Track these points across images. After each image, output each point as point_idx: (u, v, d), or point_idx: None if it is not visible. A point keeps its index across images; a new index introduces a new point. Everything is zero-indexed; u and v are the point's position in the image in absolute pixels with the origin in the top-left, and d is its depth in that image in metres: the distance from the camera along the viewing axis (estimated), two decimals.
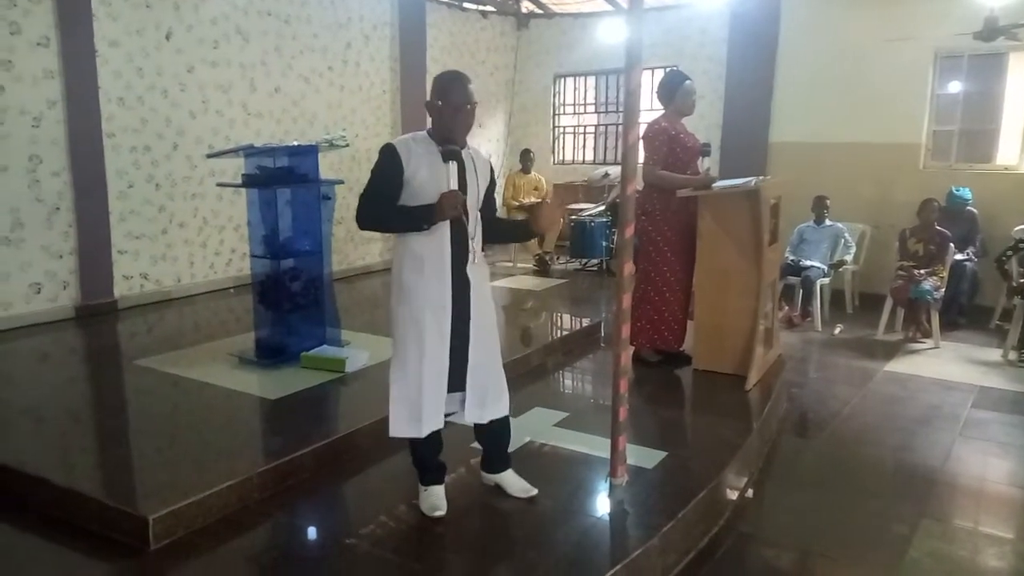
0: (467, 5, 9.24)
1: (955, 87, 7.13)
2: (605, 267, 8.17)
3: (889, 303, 6.03)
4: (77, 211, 5.75)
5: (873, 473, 3.73)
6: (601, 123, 9.94)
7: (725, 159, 7.78)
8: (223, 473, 2.97)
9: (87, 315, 5.80)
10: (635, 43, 2.77)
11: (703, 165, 4.51)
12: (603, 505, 2.95)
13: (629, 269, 2.89)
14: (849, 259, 6.60)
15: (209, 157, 4.74)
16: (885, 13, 7.12)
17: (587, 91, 10.03)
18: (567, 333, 5.72)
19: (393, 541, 2.69)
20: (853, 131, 7.36)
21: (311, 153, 4.57)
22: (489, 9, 9.49)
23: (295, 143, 4.94)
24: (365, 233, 7.93)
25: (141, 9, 6.05)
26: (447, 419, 2.80)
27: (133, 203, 6.18)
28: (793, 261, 6.43)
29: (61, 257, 5.73)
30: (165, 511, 2.68)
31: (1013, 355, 5.39)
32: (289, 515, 2.92)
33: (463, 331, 2.73)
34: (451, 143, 2.64)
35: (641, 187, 4.35)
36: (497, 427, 2.91)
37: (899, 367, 5.29)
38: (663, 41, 8.59)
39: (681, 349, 4.68)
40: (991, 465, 3.78)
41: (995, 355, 5.53)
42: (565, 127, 10.20)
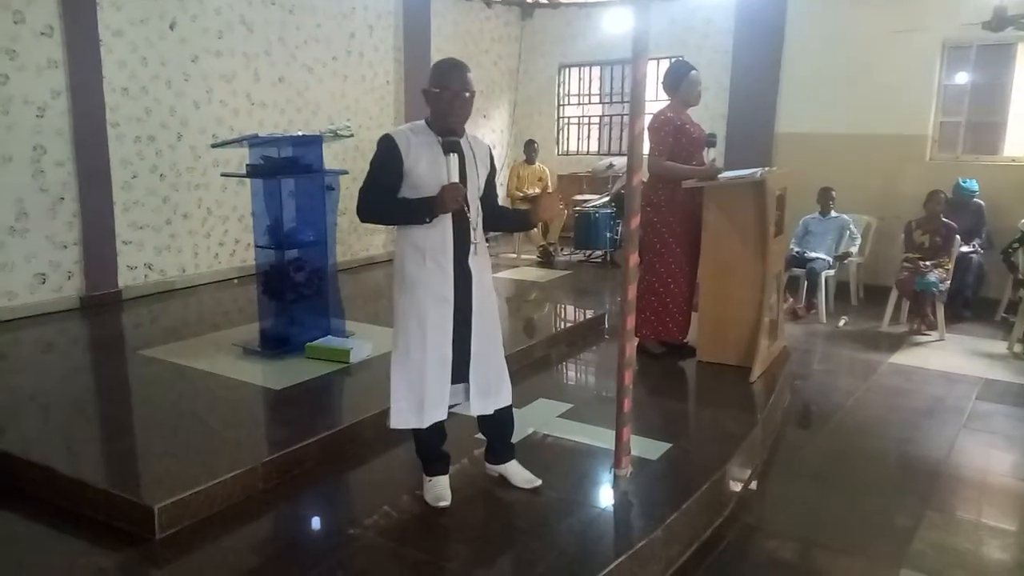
0: None
1: (962, 78, 7.07)
2: (609, 258, 8.16)
3: (894, 295, 6.01)
4: (81, 201, 5.75)
5: (877, 465, 3.73)
6: (606, 114, 9.91)
7: (730, 150, 7.74)
8: (228, 463, 2.97)
9: (92, 305, 5.81)
10: (641, 33, 2.75)
11: (708, 156, 4.50)
12: (607, 496, 2.95)
13: (634, 260, 2.89)
14: (854, 251, 6.58)
15: (213, 147, 4.73)
16: (893, 3, 7.06)
17: (592, 81, 9.98)
18: (571, 324, 5.72)
19: (397, 531, 2.70)
20: (859, 122, 7.31)
21: (315, 143, 4.56)
22: None
23: (299, 133, 4.93)
24: (368, 224, 7.91)
25: None
26: (451, 410, 2.80)
27: (137, 193, 6.18)
28: (798, 253, 6.41)
29: (66, 247, 5.74)
30: (170, 500, 2.69)
31: (1018, 347, 5.37)
32: (293, 505, 2.94)
33: (465, 322, 2.72)
34: (450, 132, 2.62)
35: (646, 178, 4.34)
36: (500, 417, 2.91)
37: (904, 359, 5.27)
38: (668, 31, 8.54)
39: (685, 340, 4.67)
40: (995, 457, 3.77)
41: (1000, 347, 5.51)
42: (569, 118, 10.16)
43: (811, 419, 4.39)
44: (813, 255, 6.37)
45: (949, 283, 5.87)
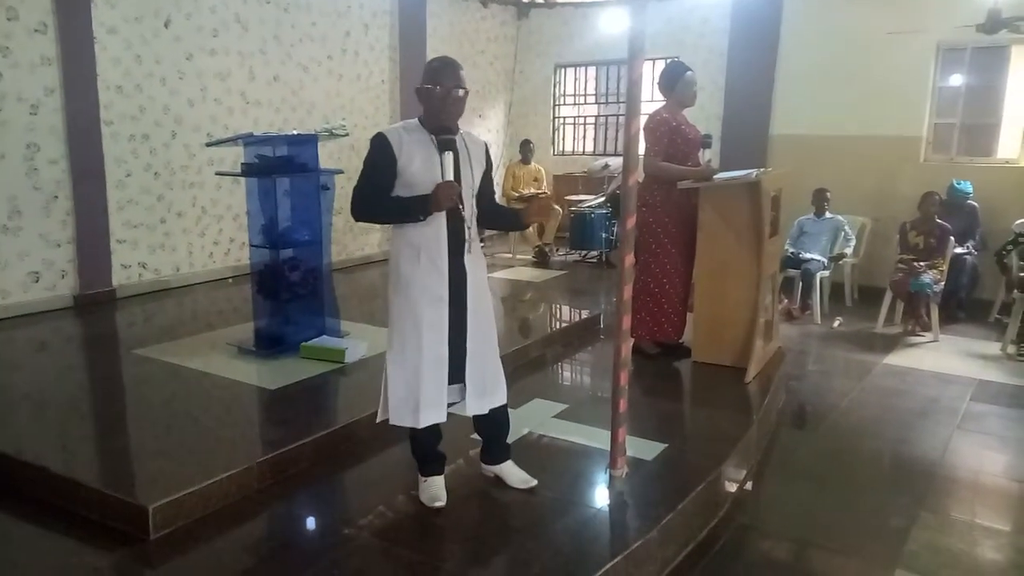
0: None
1: (957, 80, 7.09)
2: (604, 259, 8.16)
3: (889, 296, 6.03)
4: (75, 199, 5.72)
5: (871, 466, 3.74)
6: (601, 114, 9.91)
7: (725, 151, 7.76)
8: (222, 463, 2.97)
9: (85, 304, 5.79)
10: (637, 33, 2.75)
11: (704, 156, 4.50)
12: (602, 497, 2.95)
13: (630, 261, 2.89)
14: (849, 252, 6.59)
15: (208, 146, 4.72)
16: (888, 5, 7.08)
17: (587, 82, 9.99)
18: (566, 325, 5.72)
19: (392, 531, 2.69)
20: (854, 124, 7.33)
21: (311, 142, 4.54)
22: None
23: (294, 132, 4.92)
24: (364, 223, 7.90)
25: None
26: (448, 410, 2.78)
27: (131, 192, 6.16)
28: (793, 254, 6.42)
29: (59, 246, 5.71)
30: (165, 500, 2.68)
31: (1012, 349, 5.39)
32: (288, 505, 2.93)
33: (460, 321, 2.72)
34: (444, 130, 2.62)
35: (642, 178, 4.34)
36: (496, 417, 2.90)
37: (898, 360, 5.29)
38: (664, 32, 8.55)
39: (680, 341, 4.67)
40: (989, 458, 3.79)
41: (994, 349, 5.53)
42: (565, 118, 10.16)
43: (806, 420, 4.40)
44: (808, 256, 6.39)
45: (943, 284, 5.89)
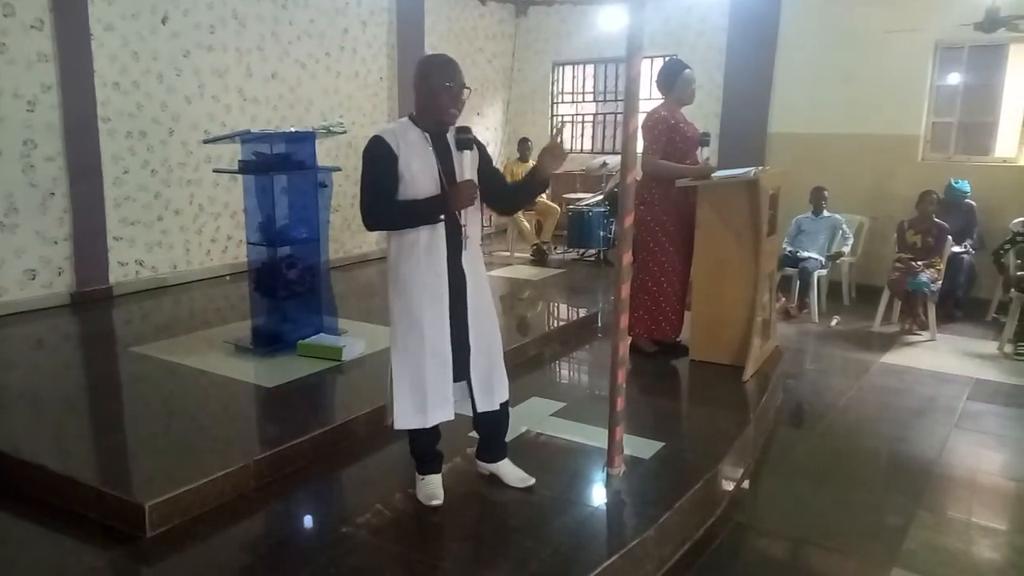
0: None
1: (955, 79, 7.10)
2: (602, 257, 8.16)
3: (886, 295, 6.03)
4: (72, 197, 5.71)
5: (869, 464, 3.74)
6: (599, 112, 9.91)
7: (724, 149, 7.75)
8: (220, 461, 2.96)
9: (82, 302, 5.77)
10: (636, 31, 2.74)
11: (702, 155, 4.50)
12: (600, 495, 2.95)
13: (628, 259, 2.88)
14: (847, 250, 6.59)
15: (205, 143, 4.71)
16: (887, 3, 7.08)
17: (586, 80, 9.98)
18: (564, 323, 5.72)
19: (390, 530, 2.69)
20: (852, 122, 7.33)
21: (308, 140, 4.54)
22: None
23: (292, 129, 4.91)
24: (361, 221, 7.88)
25: None
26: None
27: (128, 189, 6.14)
28: (791, 252, 6.43)
29: (56, 243, 5.70)
30: (162, 498, 2.67)
31: (1009, 348, 5.40)
32: (285, 503, 2.92)
33: (462, 319, 2.71)
34: (444, 127, 2.64)
35: (640, 176, 4.34)
36: (497, 414, 2.89)
37: (895, 359, 5.29)
38: (663, 30, 8.54)
39: (678, 339, 4.67)
40: (986, 457, 3.79)
41: (991, 348, 5.54)
42: (563, 116, 10.15)
43: (803, 418, 4.41)
44: (806, 254, 6.39)
45: (940, 283, 5.90)
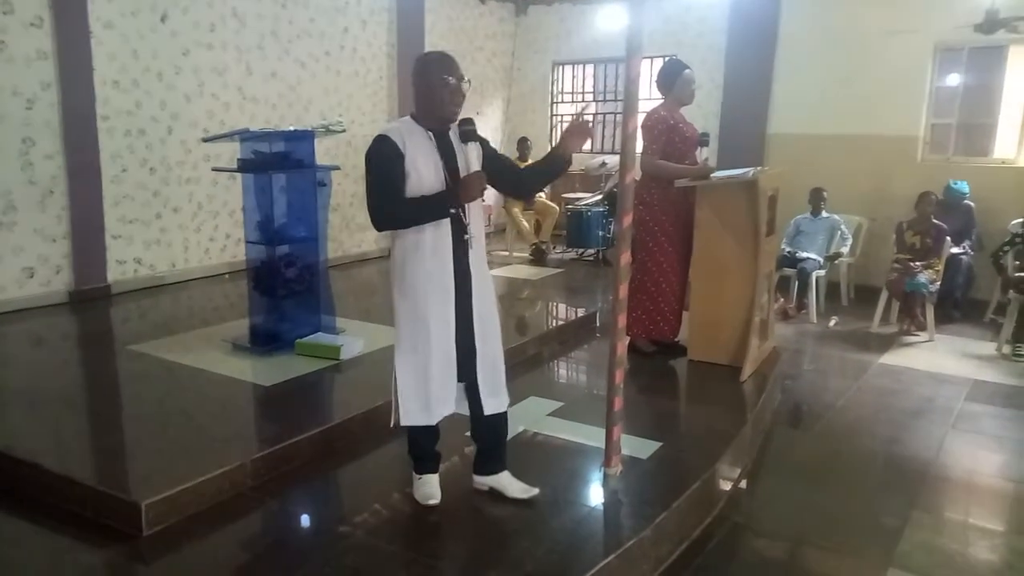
0: None
1: (954, 80, 7.10)
2: (601, 257, 8.16)
3: (884, 296, 6.03)
4: (70, 195, 5.70)
5: (866, 465, 3.74)
6: (599, 111, 9.90)
7: (723, 149, 7.75)
8: (216, 460, 2.96)
9: (80, 300, 5.77)
10: (635, 31, 2.74)
11: (701, 155, 4.50)
12: (597, 495, 2.95)
13: (626, 259, 2.88)
14: (845, 251, 6.60)
15: (205, 141, 4.70)
16: (886, 5, 7.08)
17: (585, 79, 9.98)
18: (562, 323, 5.72)
19: (387, 529, 2.69)
20: (851, 123, 7.33)
21: (307, 138, 4.53)
22: None
23: (291, 128, 4.90)
24: (360, 220, 7.90)
25: None
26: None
27: (127, 187, 6.14)
28: (789, 253, 6.43)
29: (54, 241, 5.69)
30: (158, 497, 2.67)
31: (1007, 349, 5.40)
32: (282, 502, 2.92)
33: (467, 318, 2.71)
34: (446, 123, 2.65)
35: (639, 176, 4.33)
36: (496, 423, 2.85)
37: (893, 360, 5.29)
38: (662, 30, 8.54)
39: (676, 340, 4.67)
40: (983, 458, 3.79)
41: (989, 349, 5.54)
42: (563, 115, 10.14)
43: (801, 419, 4.41)
44: (804, 255, 6.39)
45: (939, 284, 5.90)
